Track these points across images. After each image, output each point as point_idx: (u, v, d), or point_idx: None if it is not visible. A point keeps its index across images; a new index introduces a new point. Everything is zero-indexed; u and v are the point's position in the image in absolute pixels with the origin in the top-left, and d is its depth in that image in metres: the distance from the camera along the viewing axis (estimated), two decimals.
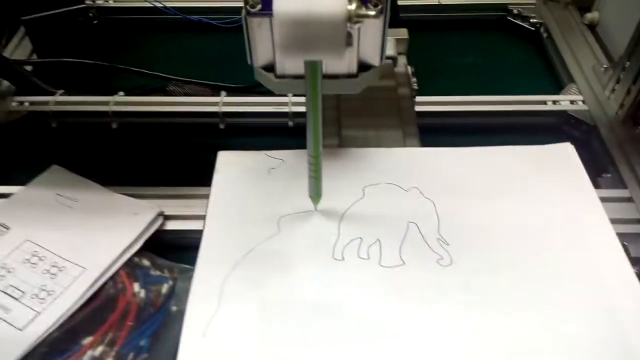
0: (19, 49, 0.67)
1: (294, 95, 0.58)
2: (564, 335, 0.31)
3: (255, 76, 0.38)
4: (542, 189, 0.39)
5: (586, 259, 0.35)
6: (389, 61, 0.55)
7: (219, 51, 0.69)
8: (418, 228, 0.37)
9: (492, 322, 0.31)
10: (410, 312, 0.32)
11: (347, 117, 0.50)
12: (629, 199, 0.49)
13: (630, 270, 0.34)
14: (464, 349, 0.30)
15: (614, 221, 0.47)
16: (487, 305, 0.32)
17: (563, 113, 0.59)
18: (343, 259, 0.35)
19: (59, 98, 0.59)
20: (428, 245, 0.36)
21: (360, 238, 0.36)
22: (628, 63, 0.55)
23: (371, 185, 0.40)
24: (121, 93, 0.59)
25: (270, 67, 0.35)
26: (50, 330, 0.38)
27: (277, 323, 0.32)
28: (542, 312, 0.32)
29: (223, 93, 0.59)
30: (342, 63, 0.35)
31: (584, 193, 0.39)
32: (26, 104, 0.59)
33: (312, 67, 0.30)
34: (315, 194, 0.36)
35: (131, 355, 0.38)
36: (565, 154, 0.41)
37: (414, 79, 0.55)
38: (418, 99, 0.55)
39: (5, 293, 0.40)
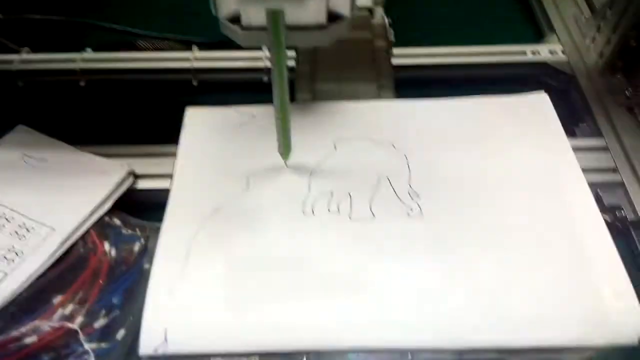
0: None
1: (268, 49, 0.56)
2: (533, 280, 0.31)
3: (221, 29, 0.36)
4: (515, 139, 0.38)
5: (557, 207, 0.34)
6: (365, 12, 0.54)
7: (190, 4, 0.67)
8: (389, 181, 0.36)
9: (460, 270, 0.32)
10: (380, 263, 0.32)
11: (321, 70, 0.49)
12: (605, 148, 0.49)
13: (599, 218, 0.34)
14: (432, 297, 0.30)
15: (589, 170, 0.47)
16: (455, 254, 0.32)
17: (543, 64, 0.58)
18: (313, 213, 0.35)
19: (24, 56, 0.57)
20: (399, 198, 0.35)
21: (331, 192, 0.36)
22: (609, 12, 0.54)
23: (343, 139, 0.39)
24: (89, 50, 0.57)
25: (236, 19, 0.34)
26: (19, 291, 0.38)
27: (246, 279, 0.31)
28: (511, 260, 0.32)
29: (195, 48, 0.57)
30: (309, 13, 0.33)
31: (557, 142, 0.38)
32: None
33: (274, 16, 0.29)
34: (284, 149, 0.36)
35: (103, 312, 0.38)
36: (539, 103, 0.41)
37: (391, 31, 0.53)
38: (394, 51, 0.54)
39: None
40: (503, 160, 0.37)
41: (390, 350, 0.30)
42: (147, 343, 0.29)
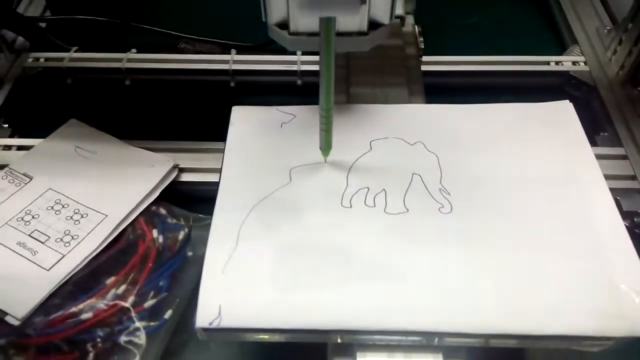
0: (31, 5, 0.68)
1: (303, 54, 0.59)
2: (555, 274, 0.33)
3: (268, 33, 0.39)
4: (540, 144, 0.41)
5: (579, 207, 0.37)
6: (397, 20, 0.56)
7: (230, 10, 0.70)
8: (422, 179, 0.39)
9: (485, 263, 0.34)
10: (412, 254, 0.34)
11: (355, 75, 0.51)
12: (624, 157, 0.51)
13: (620, 222, 0.36)
14: (459, 287, 0.33)
15: (609, 177, 0.49)
16: (481, 249, 0.35)
17: (565, 73, 0.60)
18: (351, 206, 0.37)
19: (73, 55, 0.60)
20: (430, 195, 0.38)
21: (367, 188, 0.38)
22: (631, 25, 0.56)
23: (378, 139, 0.42)
24: (134, 50, 0.61)
25: (283, 25, 0.37)
26: (75, 271, 0.41)
27: (290, 262, 0.34)
28: (534, 255, 0.34)
29: (233, 51, 0.60)
30: (354, 21, 0.36)
31: (580, 149, 0.40)
32: (41, 60, 0.61)
33: (327, 23, 0.31)
34: (326, 146, 0.38)
35: (152, 293, 0.41)
36: (563, 111, 0.43)
37: (421, 39, 0.56)
38: (424, 58, 0.56)
39: (32, 237, 0.43)
40: (528, 163, 0.39)
41: (419, 334, 0.32)
42: (202, 317, 0.32)
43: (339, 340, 0.34)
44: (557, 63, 0.60)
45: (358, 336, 0.33)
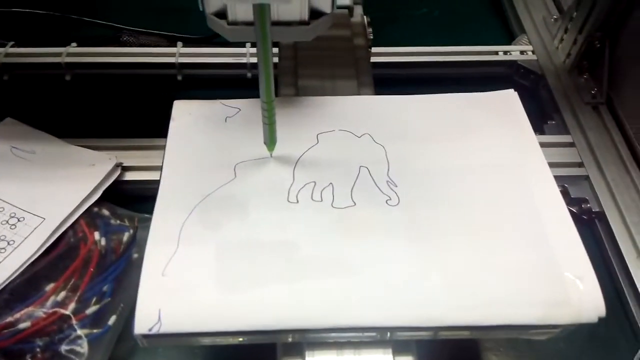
0: None
1: (252, 46, 0.58)
2: (501, 264, 0.33)
3: (208, 23, 0.38)
4: (485, 133, 0.41)
5: (523, 196, 0.37)
6: (345, 10, 0.56)
7: (176, 0, 0.68)
8: (369, 172, 0.38)
9: (432, 255, 0.34)
10: (360, 248, 0.34)
11: (303, 67, 0.50)
12: (571, 144, 0.52)
13: (565, 209, 0.36)
14: (407, 280, 0.32)
15: (557, 165, 0.50)
16: (429, 241, 0.34)
17: (514, 63, 0.61)
18: (297, 201, 0.36)
19: (9, 50, 0.58)
20: (378, 187, 0.37)
21: (314, 182, 0.38)
22: (575, 13, 0.57)
23: (325, 132, 0.41)
24: (74, 44, 0.58)
25: (222, 14, 0.36)
26: (12, 278, 0.39)
27: (234, 261, 0.33)
28: (481, 245, 0.34)
29: (180, 44, 0.59)
30: (293, 10, 0.35)
31: (524, 136, 0.41)
32: None
33: (261, 11, 0.30)
34: (270, 140, 0.37)
35: (94, 299, 0.39)
36: (508, 100, 0.43)
37: (370, 30, 0.55)
38: (373, 49, 0.56)
39: None
40: (474, 153, 0.39)
41: (370, 329, 0.32)
42: (141, 323, 0.30)
43: (289, 340, 0.33)
44: (505, 53, 0.61)
45: (308, 335, 0.32)
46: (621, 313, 0.44)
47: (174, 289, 0.32)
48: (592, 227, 0.49)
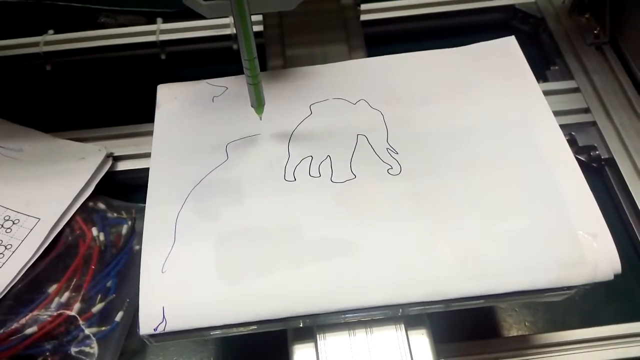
0: None
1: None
2: (512, 228, 0.32)
3: (183, 0, 0.36)
4: (486, 88, 0.39)
5: (531, 153, 0.35)
6: None
7: None
8: (367, 140, 0.37)
9: (439, 225, 0.32)
10: (363, 224, 0.33)
11: (290, 35, 0.48)
12: (576, 89, 0.50)
13: (575, 165, 0.34)
14: (415, 253, 0.31)
15: (562, 112, 0.48)
16: (434, 210, 0.33)
17: (511, 7, 0.58)
18: (295, 179, 0.35)
19: None
20: (378, 156, 0.36)
21: (311, 156, 0.36)
22: None
23: (318, 102, 0.39)
24: (51, 31, 0.56)
25: None
26: (13, 283, 0.38)
27: (235, 249, 0.32)
28: (490, 210, 0.33)
29: (159, 20, 0.56)
30: None
31: (527, 89, 0.38)
32: None
33: None
34: (257, 102, 0.35)
35: (99, 296, 0.38)
36: (508, 47, 0.41)
37: None
38: (362, 7, 0.53)
39: None
40: (475, 109, 0.37)
41: (381, 308, 0.31)
42: (146, 323, 0.29)
43: (300, 325, 0.32)
44: None
45: (318, 318, 0.31)
46: (636, 261, 0.43)
47: (175, 285, 0.31)
48: (602, 174, 0.48)
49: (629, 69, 0.50)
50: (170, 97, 0.39)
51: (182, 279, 0.31)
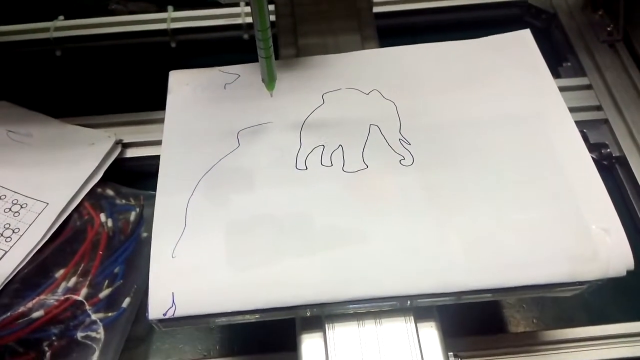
0: None
1: (247, 4, 0.55)
2: (524, 221, 0.32)
3: None
4: (500, 80, 0.38)
5: (545, 146, 0.35)
6: None
7: None
8: (380, 130, 0.36)
9: (451, 217, 0.32)
10: (375, 214, 0.32)
11: (303, 24, 0.48)
12: (589, 87, 0.49)
13: (589, 159, 0.34)
14: (426, 244, 0.31)
15: (574, 109, 0.47)
16: (446, 201, 0.33)
17: (524, 3, 0.57)
18: (306, 168, 0.35)
19: None
20: (390, 147, 0.35)
21: (323, 145, 0.36)
22: None
23: (331, 91, 0.39)
24: (61, 17, 0.56)
25: None
26: (20, 267, 0.38)
27: (245, 237, 0.32)
28: (502, 203, 0.32)
29: (170, 8, 0.56)
30: None
31: (542, 82, 0.38)
32: None
33: None
34: (269, 77, 0.34)
35: (106, 282, 0.38)
36: (522, 40, 0.40)
37: None
38: None
39: None
40: (489, 102, 0.37)
41: (390, 299, 0.31)
42: (155, 308, 0.29)
43: (307, 314, 0.32)
44: None
45: (327, 308, 0.31)
46: None
47: (185, 270, 0.30)
48: (613, 172, 0.47)
49: None
50: (182, 83, 0.39)
51: (192, 265, 0.31)
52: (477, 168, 0.34)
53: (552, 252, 0.31)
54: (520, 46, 0.40)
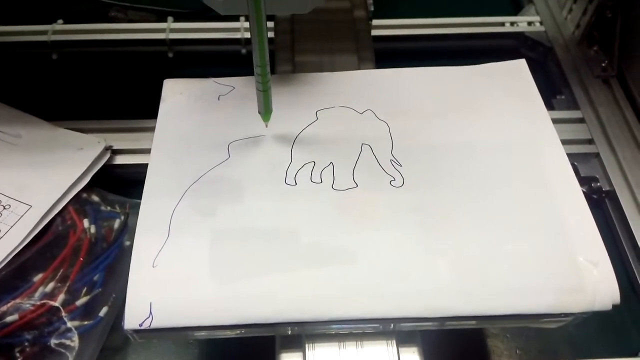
0: None
1: (246, 20, 0.55)
2: (512, 250, 0.31)
3: None
4: (493, 105, 0.39)
5: (535, 175, 0.35)
6: None
7: None
8: (372, 150, 0.36)
9: (439, 241, 0.32)
10: (363, 234, 0.32)
11: (300, 41, 0.48)
12: (581, 120, 0.50)
13: (578, 190, 0.34)
14: (413, 268, 0.31)
15: (566, 142, 0.47)
16: (435, 225, 0.32)
17: (520, 35, 0.58)
18: (296, 183, 0.34)
19: None
20: (381, 167, 0.35)
21: (313, 162, 0.36)
22: None
23: (324, 108, 0.39)
24: (60, 21, 0.55)
25: None
26: None
27: (229, 251, 0.31)
28: (491, 230, 0.32)
29: (170, 19, 0.56)
30: None
31: (535, 111, 0.38)
32: None
33: None
34: (265, 109, 0.35)
35: (85, 289, 0.37)
36: (518, 70, 0.41)
37: (370, 0, 0.53)
38: (374, 22, 0.53)
39: None
40: (482, 129, 0.37)
41: (373, 320, 0.30)
42: (131, 318, 0.28)
43: (288, 332, 0.31)
44: (512, 24, 0.58)
45: (308, 327, 0.31)
46: (632, 296, 0.43)
47: (165, 280, 0.30)
48: (602, 207, 0.47)
49: (634, 103, 0.51)
50: (175, 91, 0.39)
51: (173, 275, 0.30)
52: (467, 193, 0.34)
53: (538, 282, 0.30)
54: (514, 75, 0.41)
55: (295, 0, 0.34)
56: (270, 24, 0.52)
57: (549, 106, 0.52)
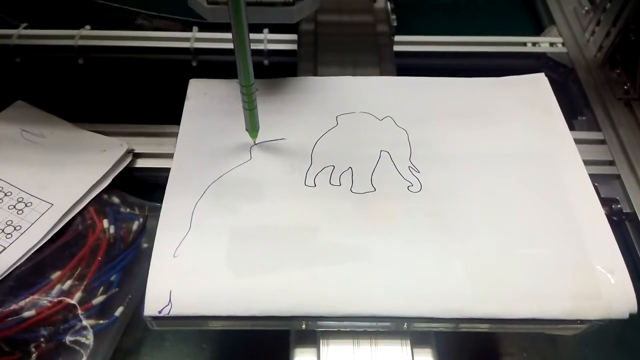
0: None
1: (271, 32, 0.56)
2: (529, 255, 0.31)
3: (188, 2, 0.36)
4: (513, 117, 0.39)
5: (553, 184, 0.35)
6: None
7: None
8: (390, 156, 0.37)
9: (455, 245, 0.32)
10: (379, 235, 0.32)
11: (323, 53, 0.48)
12: (602, 141, 0.50)
13: (596, 199, 0.34)
14: (428, 269, 0.31)
15: (587, 162, 0.47)
16: (452, 230, 0.32)
17: (542, 55, 0.58)
18: (315, 185, 0.35)
19: (22, 32, 0.56)
20: (399, 173, 0.36)
21: (333, 166, 0.36)
22: (609, 5, 0.55)
23: (345, 113, 0.39)
24: (87, 27, 0.57)
25: None
26: (17, 265, 0.38)
27: (248, 245, 0.31)
28: (508, 235, 0.32)
29: (195, 28, 0.57)
30: None
31: (554, 123, 0.39)
32: None
33: None
34: (251, 127, 0.35)
35: (101, 289, 0.38)
36: (537, 83, 0.41)
37: (393, 16, 0.53)
38: (396, 38, 0.54)
39: None
40: (501, 138, 0.38)
41: (387, 319, 0.30)
42: (151, 305, 0.29)
43: (303, 327, 0.31)
44: (534, 44, 0.58)
45: (322, 322, 0.31)
46: None
47: (185, 270, 0.30)
48: (621, 228, 0.47)
49: None
50: (200, 92, 0.40)
51: (192, 266, 0.31)
52: (484, 200, 0.34)
53: (554, 288, 0.30)
54: (534, 87, 0.41)
55: (283, 10, 0.34)
56: (294, 37, 0.53)
57: (571, 127, 0.52)
